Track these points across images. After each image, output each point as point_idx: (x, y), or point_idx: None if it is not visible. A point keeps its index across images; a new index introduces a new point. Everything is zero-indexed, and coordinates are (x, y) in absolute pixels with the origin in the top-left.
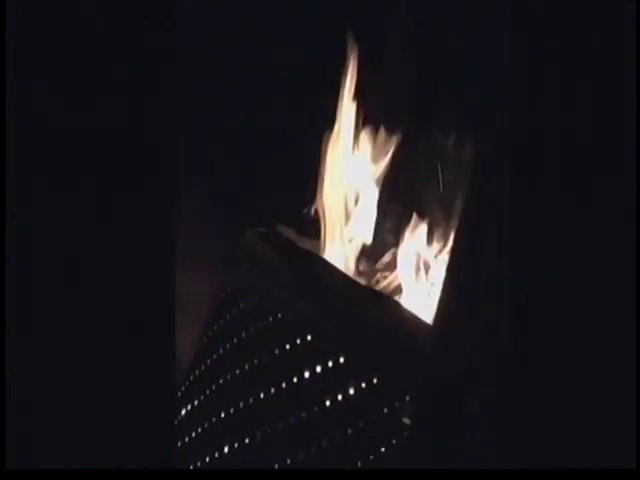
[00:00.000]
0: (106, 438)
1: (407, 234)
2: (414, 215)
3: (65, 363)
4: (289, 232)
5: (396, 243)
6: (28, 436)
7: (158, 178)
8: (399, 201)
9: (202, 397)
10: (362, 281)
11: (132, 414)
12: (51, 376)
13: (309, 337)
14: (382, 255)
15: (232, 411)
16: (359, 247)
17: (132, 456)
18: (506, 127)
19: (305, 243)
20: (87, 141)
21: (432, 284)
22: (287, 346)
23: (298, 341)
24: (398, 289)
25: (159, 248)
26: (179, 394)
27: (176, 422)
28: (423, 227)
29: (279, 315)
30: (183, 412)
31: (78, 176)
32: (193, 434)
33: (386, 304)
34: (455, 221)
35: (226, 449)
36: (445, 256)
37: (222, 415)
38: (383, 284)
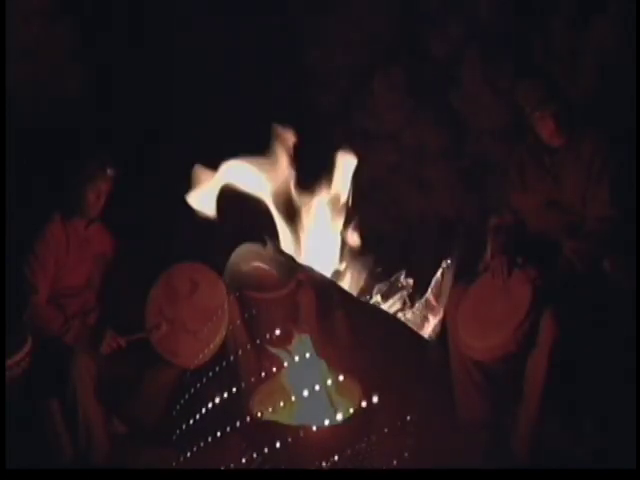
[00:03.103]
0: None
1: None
2: None
3: None
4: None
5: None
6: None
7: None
8: None
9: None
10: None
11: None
12: None
13: (307, 355)
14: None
15: (229, 429)
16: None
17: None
18: None
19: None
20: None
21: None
22: (285, 364)
23: (297, 359)
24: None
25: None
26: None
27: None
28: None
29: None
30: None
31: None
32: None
33: (388, 323)
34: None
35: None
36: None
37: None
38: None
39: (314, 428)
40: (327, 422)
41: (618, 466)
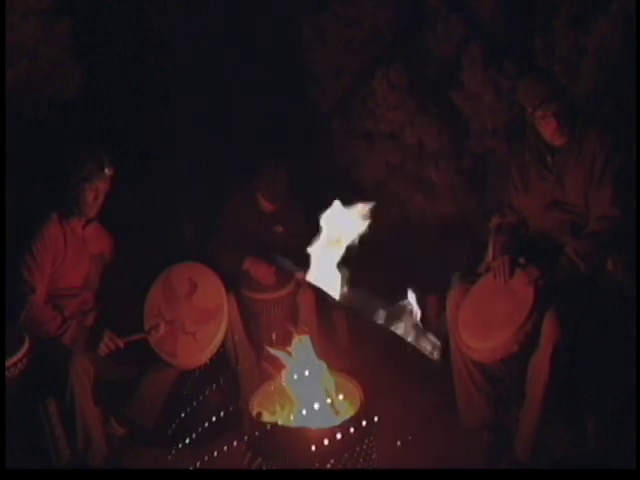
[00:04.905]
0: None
1: None
2: None
3: None
4: (287, 262)
5: None
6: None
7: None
8: None
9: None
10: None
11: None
12: None
13: (307, 372)
14: None
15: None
16: None
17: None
18: None
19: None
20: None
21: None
22: (283, 383)
23: (295, 376)
24: None
25: None
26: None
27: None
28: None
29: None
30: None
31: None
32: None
33: (389, 349)
34: None
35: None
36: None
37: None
38: None
39: (313, 448)
40: (326, 442)
41: (618, 466)
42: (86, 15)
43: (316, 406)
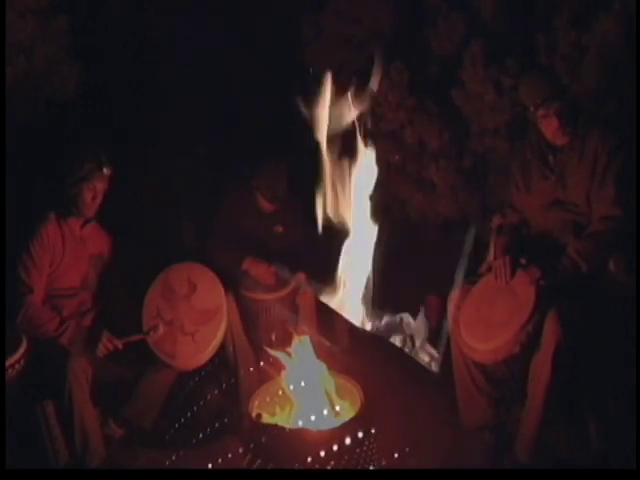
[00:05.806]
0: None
1: None
2: None
3: None
4: (285, 270)
5: None
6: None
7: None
8: None
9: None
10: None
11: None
12: None
13: (303, 383)
14: None
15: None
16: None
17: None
18: None
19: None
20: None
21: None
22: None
23: (291, 387)
24: None
25: None
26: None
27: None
28: None
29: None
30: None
31: None
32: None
33: (389, 350)
34: None
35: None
36: None
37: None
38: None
39: (309, 459)
40: (322, 454)
41: (618, 466)
42: (84, 13)
43: (312, 418)
